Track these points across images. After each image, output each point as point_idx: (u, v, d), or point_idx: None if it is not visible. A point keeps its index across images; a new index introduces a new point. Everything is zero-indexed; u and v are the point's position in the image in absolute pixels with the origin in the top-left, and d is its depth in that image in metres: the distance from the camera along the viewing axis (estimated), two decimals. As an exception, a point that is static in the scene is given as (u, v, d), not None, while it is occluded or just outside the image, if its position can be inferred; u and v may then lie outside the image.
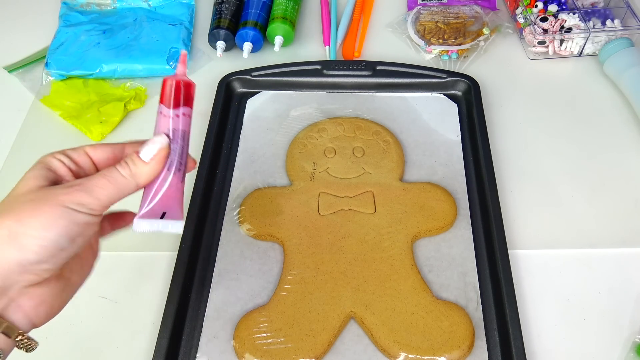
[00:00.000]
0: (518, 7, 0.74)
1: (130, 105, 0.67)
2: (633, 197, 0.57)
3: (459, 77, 0.66)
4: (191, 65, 0.72)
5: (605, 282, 0.51)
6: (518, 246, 0.53)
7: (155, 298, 0.51)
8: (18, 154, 0.64)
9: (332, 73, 0.67)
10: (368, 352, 0.46)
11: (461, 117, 0.64)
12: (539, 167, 0.60)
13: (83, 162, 0.35)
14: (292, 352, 0.45)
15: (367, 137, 0.61)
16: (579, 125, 0.64)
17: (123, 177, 0.33)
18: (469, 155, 0.60)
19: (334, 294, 0.49)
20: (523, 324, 0.47)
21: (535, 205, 0.57)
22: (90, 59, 0.70)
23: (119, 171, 0.33)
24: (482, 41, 0.72)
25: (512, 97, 0.67)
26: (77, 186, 0.32)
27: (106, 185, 0.32)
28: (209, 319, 0.48)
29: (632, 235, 0.54)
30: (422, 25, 0.74)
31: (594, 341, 0.48)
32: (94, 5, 0.79)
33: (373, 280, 0.49)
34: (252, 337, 0.46)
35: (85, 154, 0.35)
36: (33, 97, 0.69)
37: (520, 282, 0.51)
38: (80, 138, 0.64)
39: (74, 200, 0.31)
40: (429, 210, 0.54)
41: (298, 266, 0.50)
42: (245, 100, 0.66)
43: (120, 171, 0.33)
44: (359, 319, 0.48)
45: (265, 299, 0.49)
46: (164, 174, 0.35)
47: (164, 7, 0.78)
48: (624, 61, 0.65)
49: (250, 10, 0.73)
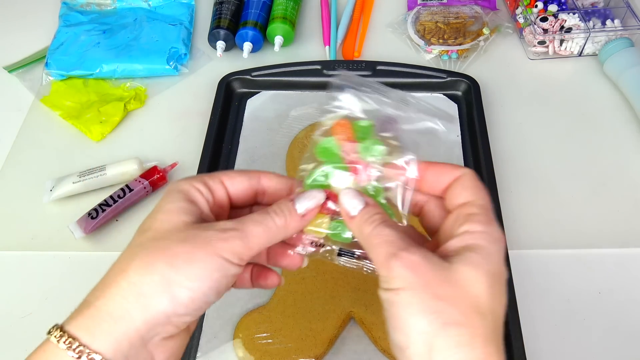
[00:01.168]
0: (518, 7, 0.74)
1: (130, 105, 0.67)
2: (633, 197, 0.57)
3: (459, 77, 0.66)
4: (191, 65, 0.72)
5: (605, 282, 0.51)
6: (518, 246, 0.53)
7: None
8: (18, 154, 0.64)
9: (332, 73, 0.67)
10: (368, 352, 0.46)
11: (461, 117, 0.64)
12: (539, 167, 0.60)
13: (219, 193, 0.31)
14: (292, 352, 0.45)
15: (367, 137, 0.61)
16: (579, 125, 0.64)
17: (277, 226, 0.30)
18: (469, 155, 0.60)
19: (334, 294, 0.49)
20: (523, 324, 0.47)
21: (535, 205, 0.57)
22: (90, 59, 0.70)
23: (274, 220, 0.30)
24: (482, 41, 0.72)
25: (512, 97, 0.67)
26: (232, 231, 0.28)
27: (261, 234, 0.29)
28: (209, 319, 0.48)
29: (632, 235, 0.54)
30: (422, 25, 0.74)
31: (594, 341, 0.48)
32: (94, 5, 0.79)
33: (373, 280, 0.49)
34: (252, 337, 0.46)
35: (221, 183, 0.31)
36: (33, 97, 0.69)
37: (520, 282, 0.51)
38: (80, 138, 0.64)
39: (231, 249, 0.28)
40: (429, 210, 0.54)
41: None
42: (245, 100, 0.66)
43: (276, 220, 0.30)
44: (359, 319, 0.48)
45: (265, 299, 0.49)
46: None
47: (164, 7, 0.78)
48: (624, 61, 0.65)
49: (250, 10, 0.73)
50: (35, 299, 0.51)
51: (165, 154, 0.62)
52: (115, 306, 0.26)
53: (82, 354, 0.25)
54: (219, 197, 0.31)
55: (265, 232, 0.29)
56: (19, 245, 0.56)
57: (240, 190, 0.32)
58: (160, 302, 0.26)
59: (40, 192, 0.59)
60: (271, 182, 0.32)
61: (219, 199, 0.31)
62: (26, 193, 0.60)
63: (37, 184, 0.59)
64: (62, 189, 0.58)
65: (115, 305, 0.26)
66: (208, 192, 0.31)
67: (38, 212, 0.58)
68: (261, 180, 0.32)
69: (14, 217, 0.58)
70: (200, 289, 0.27)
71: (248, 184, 0.32)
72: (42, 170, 0.61)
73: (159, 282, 0.26)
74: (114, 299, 0.26)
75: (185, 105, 0.68)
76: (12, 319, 0.50)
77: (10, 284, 0.53)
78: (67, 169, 0.60)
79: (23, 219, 0.58)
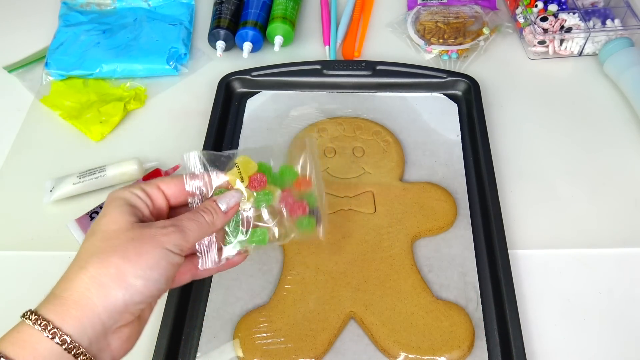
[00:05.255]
0: (518, 7, 0.74)
1: (130, 105, 0.67)
2: (633, 197, 0.57)
3: (459, 77, 0.66)
4: (191, 65, 0.72)
5: (605, 282, 0.51)
6: (518, 246, 0.53)
7: (155, 298, 0.51)
8: (18, 154, 0.64)
9: (332, 73, 0.67)
10: (368, 352, 0.46)
11: (461, 117, 0.64)
12: (539, 166, 0.60)
13: (157, 195, 0.36)
14: (292, 352, 0.45)
15: (367, 137, 0.61)
16: (579, 125, 0.64)
17: (207, 223, 0.35)
18: (469, 155, 0.60)
19: (334, 294, 0.49)
20: (523, 324, 0.47)
21: (535, 205, 0.57)
22: (90, 59, 0.70)
23: (203, 217, 0.35)
24: (482, 41, 0.72)
25: (512, 97, 0.67)
26: (171, 227, 0.33)
27: (195, 228, 0.34)
28: (209, 319, 0.48)
29: (632, 235, 0.54)
30: (422, 25, 0.74)
31: (594, 341, 0.48)
32: (94, 5, 0.79)
33: (373, 280, 0.49)
34: (252, 337, 0.46)
35: (157, 188, 0.36)
36: (33, 97, 0.69)
37: (520, 282, 0.51)
38: (80, 138, 0.64)
39: (172, 241, 0.33)
40: (429, 210, 0.54)
41: (298, 266, 0.50)
42: (245, 100, 0.66)
43: (205, 217, 0.35)
44: (359, 319, 0.48)
45: (265, 299, 0.49)
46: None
47: (164, 7, 0.78)
48: (624, 61, 0.65)
49: (250, 10, 0.73)
50: (35, 299, 0.51)
51: (165, 154, 0.62)
52: (80, 296, 0.30)
53: (55, 335, 0.29)
54: (157, 199, 0.36)
55: (198, 227, 0.35)
56: (19, 245, 0.56)
57: (175, 192, 0.37)
58: (118, 291, 0.30)
59: (40, 192, 0.59)
60: (169, 186, 0.37)
61: (157, 201, 0.36)
62: (26, 193, 0.60)
63: (37, 184, 0.59)
64: (62, 189, 0.58)
65: (80, 295, 0.30)
66: (146, 196, 0.35)
67: (38, 212, 0.58)
68: (160, 186, 0.37)
69: (14, 217, 0.58)
70: (151, 276, 0.31)
71: (182, 185, 0.37)
72: (42, 170, 0.61)
73: (115, 274, 0.30)
74: (79, 290, 0.30)
75: (185, 105, 0.68)
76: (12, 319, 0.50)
77: (10, 284, 0.53)
78: (67, 169, 0.60)
79: (23, 219, 0.58)
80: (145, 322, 0.35)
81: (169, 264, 0.32)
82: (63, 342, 0.29)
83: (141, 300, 0.31)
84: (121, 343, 0.32)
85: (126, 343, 0.33)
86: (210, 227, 0.35)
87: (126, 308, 0.31)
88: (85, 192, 0.58)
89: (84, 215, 0.55)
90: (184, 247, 0.33)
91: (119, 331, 0.32)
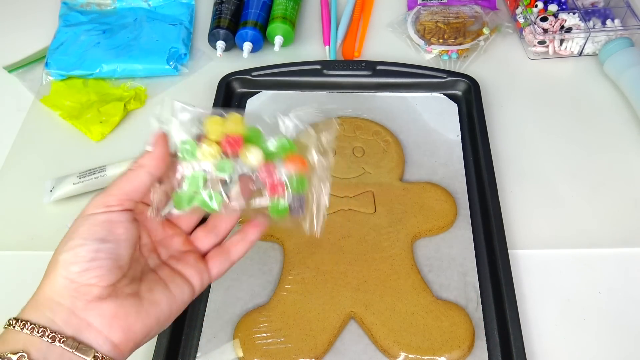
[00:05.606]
0: (518, 7, 0.74)
1: (130, 105, 0.67)
2: (633, 197, 0.57)
3: (459, 77, 0.66)
4: (191, 65, 0.72)
5: (605, 282, 0.51)
6: (518, 246, 0.53)
7: (155, 298, 0.51)
8: (18, 154, 0.64)
9: (332, 73, 0.67)
10: (368, 352, 0.46)
11: (461, 117, 0.64)
12: (539, 167, 0.60)
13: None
14: (292, 352, 0.45)
15: (367, 137, 0.61)
16: (579, 125, 0.64)
17: (131, 170, 0.34)
18: (469, 155, 0.60)
19: (334, 294, 0.49)
20: (523, 324, 0.47)
21: (535, 205, 0.57)
22: (90, 59, 0.70)
23: (128, 167, 0.35)
24: (482, 41, 0.72)
25: (512, 97, 0.67)
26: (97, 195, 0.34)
27: (117, 181, 0.34)
28: (209, 319, 0.48)
29: (632, 235, 0.54)
30: (422, 25, 0.74)
31: (594, 341, 0.48)
32: (94, 5, 0.79)
33: (373, 280, 0.49)
34: (252, 337, 0.46)
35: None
36: (33, 97, 0.69)
37: (520, 282, 0.51)
38: (80, 138, 0.64)
39: (90, 206, 0.33)
40: (429, 210, 0.54)
41: (298, 266, 0.50)
42: (245, 100, 0.66)
43: (129, 166, 0.35)
44: (359, 319, 0.48)
45: (265, 299, 0.49)
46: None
47: (164, 7, 0.78)
48: (624, 61, 0.65)
49: (250, 10, 0.73)
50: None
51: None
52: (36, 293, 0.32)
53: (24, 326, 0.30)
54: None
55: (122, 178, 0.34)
56: (19, 245, 0.56)
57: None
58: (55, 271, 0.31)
59: (40, 192, 0.59)
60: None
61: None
62: (26, 193, 0.60)
63: (37, 184, 0.59)
64: (62, 190, 0.58)
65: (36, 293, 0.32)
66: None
67: (38, 213, 0.58)
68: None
69: (14, 217, 0.58)
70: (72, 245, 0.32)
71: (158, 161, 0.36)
72: (42, 170, 0.61)
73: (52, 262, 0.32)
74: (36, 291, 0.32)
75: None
76: (12, 319, 0.50)
77: (10, 284, 0.53)
78: (67, 169, 0.60)
79: (23, 219, 0.58)
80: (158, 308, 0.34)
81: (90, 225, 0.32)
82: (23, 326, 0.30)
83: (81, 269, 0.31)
84: (107, 320, 0.31)
85: (115, 320, 0.32)
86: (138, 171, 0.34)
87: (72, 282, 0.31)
88: (85, 192, 0.58)
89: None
90: (109, 202, 0.33)
91: (94, 307, 0.31)
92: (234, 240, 0.39)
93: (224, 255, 0.38)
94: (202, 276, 0.37)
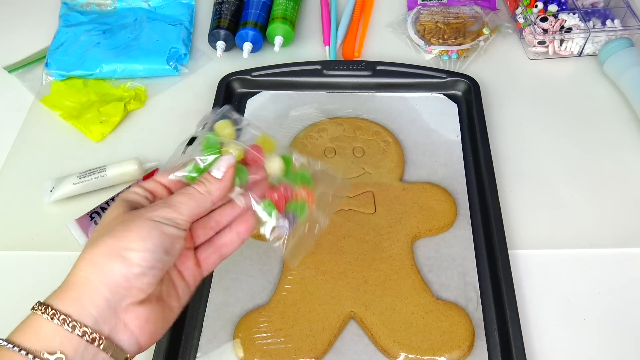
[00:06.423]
0: (518, 7, 0.74)
1: (130, 105, 0.67)
2: (633, 197, 0.57)
3: (459, 77, 0.66)
4: (191, 65, 0.72)
5: (605, 282, 0.51)
6: (518, 246, 0.53)
7: (155, 298, 0.51)
8: (18, 154, 0.64)
9: (332, 73, 0.67)
10: (368, 352, 0.46)
11: (461, 117, 0.64)
12: (538, 167, 0.60)
13: (155, 188, 0.37)
14: (292, 352, 0.45)
15: (367, 137, 0.61)
16: (579, 125, 0.64)
17: (200, 193, 0.35)
18: (469, 155, 0.60)
19: (334, 294, 0.49)
20: (523, 324, 0.47)
21: (535, 205, 0.57)
22: (90, 59, 0.70)
23: (195, 189, 0.35)
24: (482, 41, 0.72)
25: (512, 97, 0.67)
26: (160, 204, 0.34)
27: (186, 201, 0.35)
28: (209, 319, 0.48)
29: (632, 235, 0.54)
30: (422, 25, 0.74)
31: (593, 341, 0.48)
32: (94, 5, 0.79)
33: (373, 280, 0.49)
34: (252, 337, 0.46)
35: (154, 181, 0.37)
36: (33, 97, 0.69)
37: (520, 282, 0.51)
38: (80, 138, 0.64)
39: (160, 215, 0.33)
40: (429, 210, 0.54)
41: (298, 266, 0.50)
42: (245, 100, 0.66)
43: (197, 188, 0.36)
44: (359, 319, 0.48)
45: (265, 299, 0.49)
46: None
47: (164, 7, 0.78)
48: (624, 61, 0.65)
49: (250, 10, 0.73)
50: (36, 298, 0.51)
51: (165, 154, 0.62)
52: (76, 278, 0.31)
53: (54, 316, 0.30)
54: (157, 191, 0.37)
55: (190, 199, 0.35)
56: (19, 245, 0.56)
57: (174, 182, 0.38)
58: (114, 265, 0.31)
59: (40, 192, 0.59)
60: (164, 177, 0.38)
61: (158, 192, 0.37)
62: (26, 193, 0.60)
63: (37, 184, 0.59)
64: (62, 190, 0.58)
65: (76, 277, 0.31)
66: (143, 190, 0.37)
67: (38, 212, 0.58)
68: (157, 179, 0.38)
69: (14, 217, 0.58)
70: (144, 247, 0.32)
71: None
72: (42, 170, 0.61)
73: (107, 251, 0.31)
74: (75, 273, 0.32)
75: (185, 105, 0.68)
76: (12, 319, 0.50)
77: (10, 284, 0.53)
78: (67, 169, 0.60)
79: (23, 219, 0.58)
80: (173, 312, 0.36)
81: (161, 233, 0.32)
82: (63, 321, 0.30)
83: (141, 272, 0.31)
84: (141, 323, 0.32)
85: (147, 324, 0.33)
86: (206, 197, 0.35)
87: (128, 281, 0.31)
88: (86, 192, 0.58)
89: (84, 215, 0.56)
90: (178, 219, 0.34)
91: (133, 309, 0.32)
92: (224, 235, 0.39)
93: (215, 251, 0.39)
94: (194, 273, 0.38)
